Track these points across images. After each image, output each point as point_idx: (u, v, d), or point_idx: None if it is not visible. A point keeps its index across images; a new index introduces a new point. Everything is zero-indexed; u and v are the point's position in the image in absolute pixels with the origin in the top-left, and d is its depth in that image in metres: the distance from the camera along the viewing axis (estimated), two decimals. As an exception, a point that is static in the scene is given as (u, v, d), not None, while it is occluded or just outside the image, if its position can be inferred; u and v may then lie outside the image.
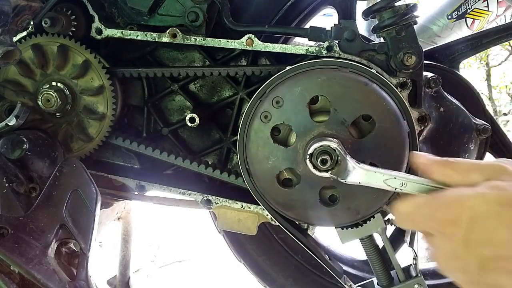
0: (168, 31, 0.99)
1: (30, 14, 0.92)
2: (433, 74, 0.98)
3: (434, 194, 0.66)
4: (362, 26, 1.85)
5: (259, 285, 1.27)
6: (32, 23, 0.99)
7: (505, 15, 2.17)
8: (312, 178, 0.87)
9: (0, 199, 0.88)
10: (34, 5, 0.91)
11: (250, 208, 1.06)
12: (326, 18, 1.51)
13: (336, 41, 0.93)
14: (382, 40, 0.94)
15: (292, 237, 0.98)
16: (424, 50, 0.93)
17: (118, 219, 1.58)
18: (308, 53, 0.95)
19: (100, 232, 1.51)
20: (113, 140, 1.07)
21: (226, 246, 1.25)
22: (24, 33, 1.01)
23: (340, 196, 0.89)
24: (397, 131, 0.87)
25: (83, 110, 1.04)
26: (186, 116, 1.03)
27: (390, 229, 1.12)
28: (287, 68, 0.90)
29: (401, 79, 0.92)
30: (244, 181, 0.94)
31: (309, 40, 0.98)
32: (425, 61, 0.95)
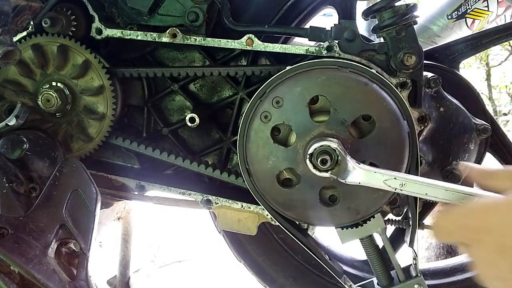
0: (168, 31, 0.99)
1: (30, 14, 0.92)
2: (433, 74, 0.98)
3: (468, 204, 0.66)
4: (362, 26, 1.85)
5: (259, 285, 1.27)
6: (32, 23, 0.99)
7: (505, 15, 2.16)
8: (312, 178, 0.87)
9: (0, 199, 0.88)
10: (34, 5, 0.91)
11: (250, 208, 1.06)
12: (326, 18, 1.51)
13: (336, 41, 0.93)
14: (382, 40, 0.94)
15: (292, 237, 0.98)
16: (424, 50, 0.93)
17: (118, 219, 1.58)
18: (308, 53, 0.95)
19: (100, 232, 1.51)
20: (113, 140, 1.07)
21: (226, 246, 1.25)
22: (24, 33, 1.01)
23: (340, 196, 0.89)
24: (397, 131, 0.87)
25: (83, 110, 1.04)
26: (186, 116, 1.03)
27: (390, 229, 1.12)
28: (287, 68, 0.90)
29: (401, 79, 0.92)
30: (244, 181, 0.94)
31: (309, 40, 0.98)
32: (425, 61, 0.95)
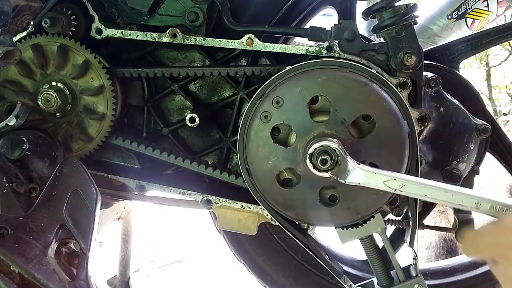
0: (168, 31, 0.99)
1: (30, 14, 0.92)
2: (433, 74, 0.98)
3: (497, 221, 0.66)
4: (362, 26, 1.85)
5: (259, 285, 1.27)
6: (32, 23, 0.99)
7: (505, 15, 2.17)
8: (312, 178, 0.87)
9: (0, 199, 0.88)
10: (34, 5, 0.91)
11: (250, 208, 1.06)
12: (326, 18, 1.51)
13: (336, 41, 0.93)
14: (382, 40, 0.94)
15: (292, 237, 0.98)
16: (424, 50, 0.93)
17: (118, 219, 1.58)
18: (308, 53, 0.95)
19: (100, 232, 1.51)
20: (113, 140, 1.07)
21: (226, 246, 1.25)
22: (24, 33, 1.01)
23: (340, 196, 0.89)
24: (397, 131, 0.87)
25: (83, 110, 1.04)
26: (186, 116, 1.03)
27: (390, 229, 1.12)
28: (287, 68, 0.90)
29: (401, 79, 0.92)
30: (244, 181, 0.94)
31: (309, 40, 0.98)
32: (425, 61, 0.95)
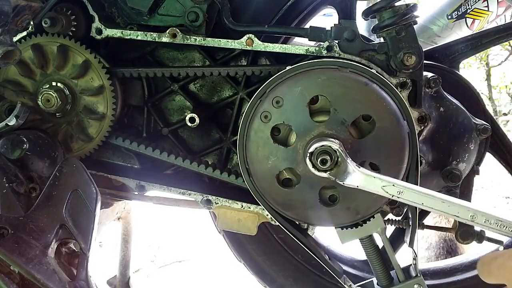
0: (168, 31, 0.99)
1: (30, 14, 0.92)
2: (433, 74, 0.98)
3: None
4: (362, 26, 1.85)
5: (259, 285, 1.27)
6: (32, 23, 0.98)
7: (505, 15, 2.16)
8: (312, 178, 0.87)
9: (0, 199, 0.88)
10: (34, 5, 0.91)
11: (250, 208, 1.06)
12: (326, 18, 1.51)
13: (336, 41, 0.93)
14: (382, 40, 0.94)
15: (292, 237, 0.98)
16: (424, 50, 0.93)
17: (118, 219, 1.57)
18: (308, 53, 0.95)
19: (100, 232, 1.51)
20: (113, 140, 1.07)
21: (226, 246, 1.25)
22: (24, 33, 1.01)
23: (340, 196, 0.89)
24: (397, 131, 0.87)
25: (83, 110, 1.04)
26: (186, 116, 1.03)
27: (390, 229, 1.12)
28: (287, 68, 0.90)
29: (401, 79, 0.92)
30: (244, 181, 0.94)
31: (309, 40, 0.97)
32: (425, 61, 0.95)
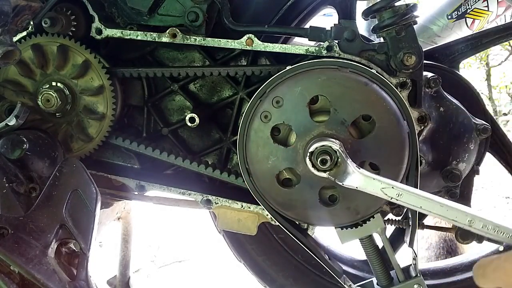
0: (168, 31, 0.99)
1: (30, 14, 0.92)
2: (433, 74, 0.98)
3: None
4: (362, 26, 1.85)
5: (259, 285, 1.27)
6: (32, 23, 0.98)
7: (505, 15, 2.16)
8: (312, 178, 0.87)
9: (0, 199, 0.88)
10: (34, 5, 0.91)
11: (250, 208, 1.06)
12: (326, 18, 1.51)
13: (336, 41, 0.93)
14: (382, 40, 0.94)
15: (292, 237, 0.98)
16: (424, 50, 0.93)
17: (118, 219, 1.57)
18: (308, 53, 0.95)
19: (100, 232, 1.51)
20: (113, 140, 1.07)
21: (226, 246, 1.25)
22: (24, 33, 1.01)
23: (340, 196, 0.89)
24: (397, 131, 0.87)
25: (83, 110, 1.04)
26: (186, 116, 1.03)
27: (390, 229, 1.12)
28: (287, 68, 0.90)
29: (401, 79, 0.92)
30: (244, 181, 0.94)
31: (309, 40, 0.98)
32: (425, 61, 0.95)
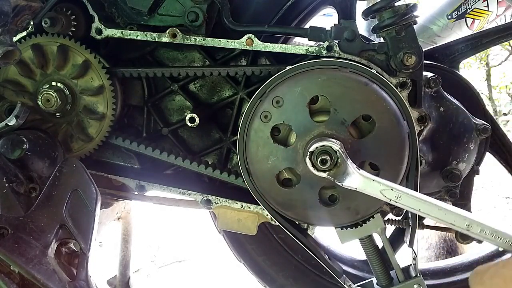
0: (168, 31, 0.99)
1: (30, 14, 0.92)
2: (433, 74, 0.98)
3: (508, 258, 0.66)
4: (362, 26, 1.85)
5: (259, 285, 1.27)
6: (32, 23, 0.99)
7: (505, 15, 2.16)
8: (312, 178, 0.87)
9: (0, 199, 0.88)
10: (34, 5, 0.91)
11: (250, 208, 1.06)
12: (326, 18, 1.51)
13: (336, 41, 0.93)
14: (382, 40, 0.94)
15: (292, 237, 0.98)
16: (424, 50, 0.93)
17: (118, 219, 1.57)
18: (308, 53, 0.95)
19: (100, 232, 1.51)
20: (113, 140, 1.07)
21: (226, 246, 1.25)
22: (24, 33, 1.01)
23: (340, 196, 0.89)
24: (397, 131, 0.87)
25: (83, 110, 1.04)
26: (186, 116, 1.03)
27: (390, 229, 1.12)
28: (287, 68, 0.90)
29: (401, 79, 0.92)
30: (244, 181, 0.94)
31: (309, 40, 0.98)
32: (425, 61, 0.95)
